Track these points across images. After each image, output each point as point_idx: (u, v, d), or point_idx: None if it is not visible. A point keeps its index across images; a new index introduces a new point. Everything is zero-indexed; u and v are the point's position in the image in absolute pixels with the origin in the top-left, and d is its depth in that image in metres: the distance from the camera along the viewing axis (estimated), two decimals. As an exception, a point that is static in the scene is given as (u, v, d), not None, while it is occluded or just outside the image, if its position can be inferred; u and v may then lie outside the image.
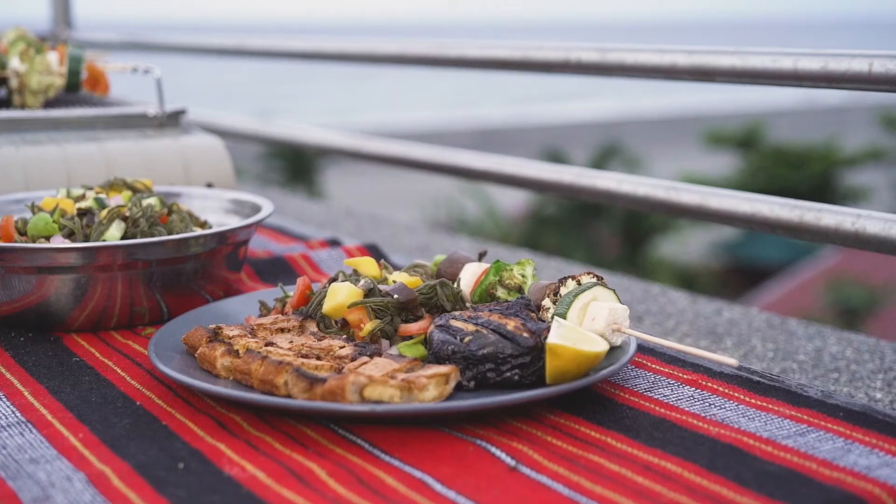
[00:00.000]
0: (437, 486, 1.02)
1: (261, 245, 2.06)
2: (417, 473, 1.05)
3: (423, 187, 12.97)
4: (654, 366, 1.36)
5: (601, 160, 14.21)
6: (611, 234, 13.91)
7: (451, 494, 1.00)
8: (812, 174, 15.03)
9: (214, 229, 1.56)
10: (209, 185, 1.98)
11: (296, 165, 15.96)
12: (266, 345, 1.28)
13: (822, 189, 14.81)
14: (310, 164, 16.08)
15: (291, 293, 1.47)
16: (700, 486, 1.01)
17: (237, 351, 1.26)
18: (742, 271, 14.21)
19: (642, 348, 1.42)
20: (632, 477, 1.04)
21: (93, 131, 1.99)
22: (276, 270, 1.83)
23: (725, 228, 13.29)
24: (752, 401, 1.24)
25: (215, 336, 1.31)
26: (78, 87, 2.16)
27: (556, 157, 13.51)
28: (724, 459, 1.07)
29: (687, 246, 14.47)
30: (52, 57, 2.13)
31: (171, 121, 2.09)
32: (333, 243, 2.01)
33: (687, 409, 1.22)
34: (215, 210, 1.80)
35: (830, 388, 1.59)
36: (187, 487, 1.02)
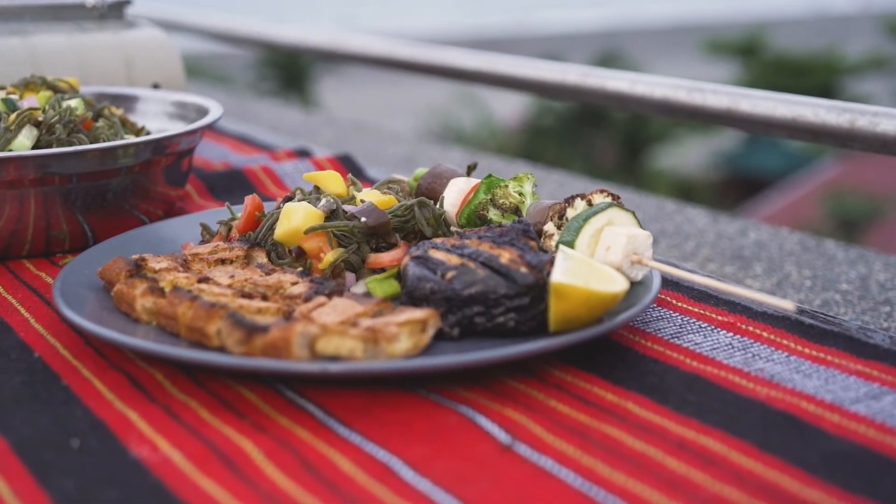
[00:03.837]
0: (407, 474, 0.78)
1: (220, 156, 1.80)
2: (382, 455, 0.80)
3: (429, 96, 12.50)
4: (680, 304, 1.11)
5: (600, 69, 13.77)
6: (609, 145, 13.57)
7: (425, 486, 0.76)
8: (814, 83, 14.62)
9: (147, 136, 1.30)
10: (155, 87, 1.70)
11: (290, 74, 15.43)
12: (199, 281, 1.02)
13: (824, 98, 14.39)
14: (304, 73, 15.55)
15: (240, 214, 1.21)
16: (752, 475, 0.77)
17: (163, 289, 1.01)
18: (741, 182, 13.91)
19: (666, 282, 1.16)
20: (662, 460, 0.79)
21: (19, 23, 1.71)
22: (232, 186, 1.57)
23: (726, 138, 12.97)
24: (806, 350, 0.99)
25: (137, 270, 1.05)
26: (5, -27, 1.87)
27: (554, 66, 13.05)
28: (781, 434, 0.83)
29: (686, 157, 14.14)
30: (-25, -63, 1.83)
31: (114, 12, 1.80)
32: (302, 154, 1.74)
33: (725, 361, 0.97)
34: (157, 115, 1.53)
35: (883, 324, 1.34)
36: (78, 476, 0.78)
